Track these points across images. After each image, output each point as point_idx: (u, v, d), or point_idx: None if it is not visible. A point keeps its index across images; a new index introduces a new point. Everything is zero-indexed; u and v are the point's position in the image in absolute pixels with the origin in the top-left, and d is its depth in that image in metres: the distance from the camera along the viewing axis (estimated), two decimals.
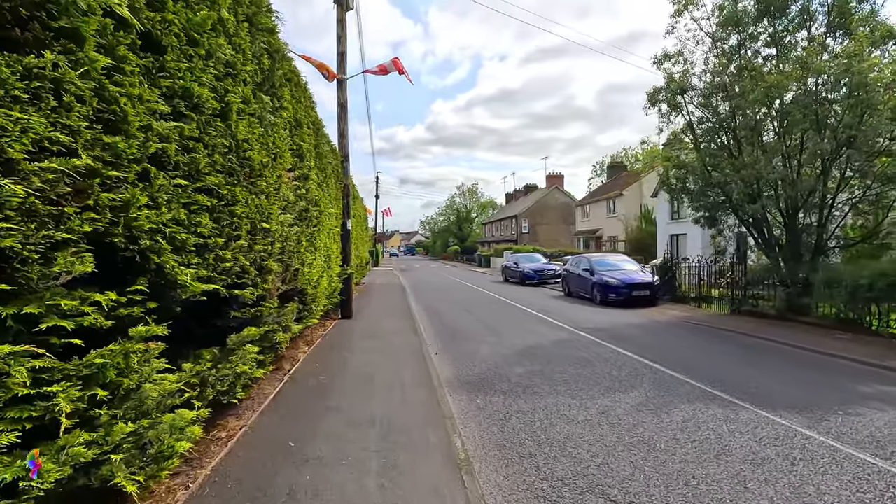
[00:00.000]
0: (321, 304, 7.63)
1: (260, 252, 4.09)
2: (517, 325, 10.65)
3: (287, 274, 5.12)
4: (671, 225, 28.27)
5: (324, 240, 7.44)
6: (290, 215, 5.04)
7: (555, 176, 52.38)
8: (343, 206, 10.88)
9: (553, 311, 12.97)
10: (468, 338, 9.26)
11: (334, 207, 9.35)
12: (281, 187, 4.67)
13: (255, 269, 3.98)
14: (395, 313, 12.37)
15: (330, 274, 8.64)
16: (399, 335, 9.14)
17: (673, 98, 11.60)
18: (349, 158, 11.16)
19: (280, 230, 4.61)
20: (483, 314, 12.64)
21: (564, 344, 8.54)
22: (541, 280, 22.90)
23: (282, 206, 4.75)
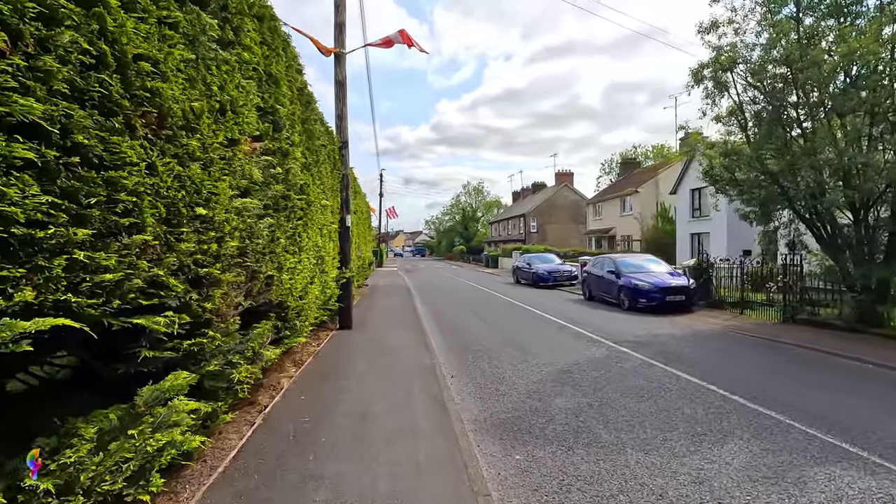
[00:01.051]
0: (311, 317, 6.21)
1: (193, 254, 2.66)
2: (543, 337, 9.17)
3: (254, 284, 3.71)
4: (692, 223, 26.68)
5: (313, 237, 6.03)
6: (257, 201, 3.62)
7: (564, 173, 50.80)
8: (341, 199, 9.44)
9: (579, 319, 11.48)
10: (489, 354, 7.79)
11: (330, 200, 7.92)
12: (236, 158, 3.24)
13: (184, 282, 2.56)
14: (400, 322, 10.93)
15: (324, 279, 7.22)
16: (406, 351, 7.69)
17: (720, 74, 10.08)
18: (349, 145, 9.73)
19: (235, 221, 3.19)
20: (501, 322, 11.17)
21: (606, 364, 7.06)
22: (555, 282, 21.40)
23: (239, 185, 3.32)
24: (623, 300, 13.52)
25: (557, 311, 13.17)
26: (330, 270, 8.03)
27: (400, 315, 12.06)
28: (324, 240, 7.09)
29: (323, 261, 7.02)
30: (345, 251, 9.61)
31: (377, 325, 10.32)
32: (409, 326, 10.29)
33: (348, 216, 9.65)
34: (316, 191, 6.29)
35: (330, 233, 7.93)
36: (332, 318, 10.08)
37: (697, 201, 26.53)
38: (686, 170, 27.17)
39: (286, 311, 4.70)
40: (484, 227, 71.14)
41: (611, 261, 15.08)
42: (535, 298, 16.57)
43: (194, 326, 2.72)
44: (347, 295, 9.64)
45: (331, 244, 8.14)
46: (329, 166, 8.01)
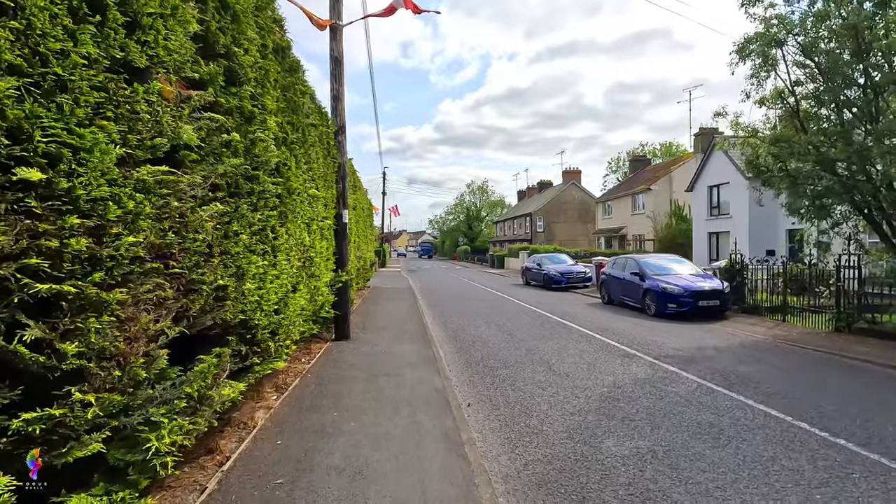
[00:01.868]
0: (295, 333, 5.01)
1: (15, 257, 1.49)
2: (568, 351, 7.96)
3: (192, 300, 2.52)
4: (710, 222, 25.37)
5: (297, 234, 4.85)
6: (195, 177, 2.44)
7: (572, 171, 49.51)
8: (337, 192, 8.25)
9: (603, 327, 10.25)
10: (510, 373, 6.59)
11: (323, 191, 6.73)
12: (141, 100, 2.04)
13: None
14: (405, 330, 9.73)
15: (314, 285, 6.04)
16: (412, 369, 6.49)
17: (769, 50, 8.82)
18: (346, 131, 8.54)
19: (141, 203, 2.00)
20: (517, 331, 9.95)
21: (655, 387, 5.84)
22: (568, 284, 20.18)
23: (147, 144, 2.13)
24: (649, 305, 12.29)
25: (577, 317, 11.94)
26: (322, 274, 6.84)
27: (404, 322, 10.87)
28: (313, 237, 5.91)
29: (312, 263, 5.83)
30: (341, 251, 8.42)
31: (379, 335, 9.12)
32: (415, 336, 9.09)
33: (345, 211, 8.46)
34: (301, 177, 5.11)
35: (322, 230, 6.74)
36: (328, 327, 8.89)
37: (716, 199, 25.22)
38: (704, 166, 25.88)
39: (253, 331, 3.52)
40: (488, 227, 69.89)
41: (634, 262, 13.83)
42: (549, 302, 15.35)
43: (39, 385, 1.55)
44: (344, 301, 8.44)
45: (323, 243, 6.96)
46: (321, 151, 6.82)
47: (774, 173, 9.80)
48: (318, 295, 6.34)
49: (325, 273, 7.05)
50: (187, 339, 2.86)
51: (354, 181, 11.98)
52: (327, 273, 7.35)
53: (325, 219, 6.94)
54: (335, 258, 8.08)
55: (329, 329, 8.87)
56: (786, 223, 22.05)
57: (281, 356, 4.44)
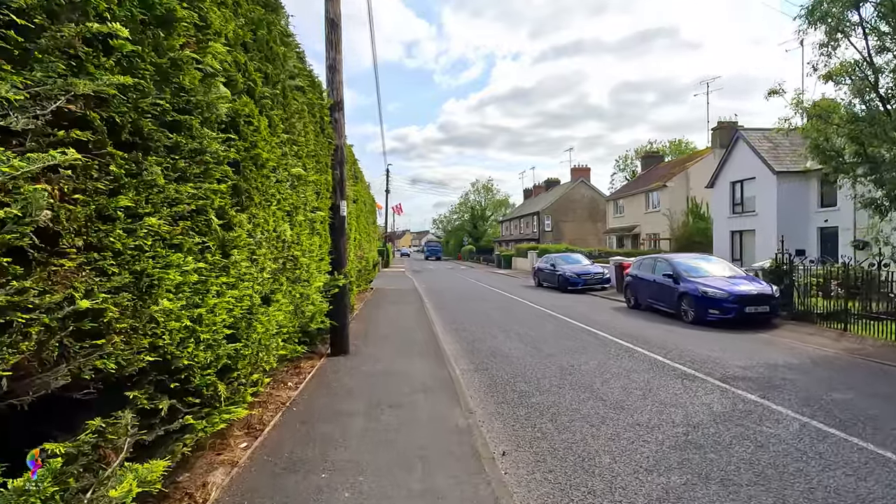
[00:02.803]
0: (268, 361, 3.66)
1: None
2: (612, 370, 6.62)
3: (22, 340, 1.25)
4: (733, 220, 23.92)
5: (270, 224, 3.52)
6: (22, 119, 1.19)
7: (580, 168, 48.10)
8: (333, 179, 6.93)
9: (640, 337, 8.90)
10: (548, 403, 5.25)
11: (312, 173, 5.41)
12: None
13: None
14: (412, 341, 8.40)
15: (299, 292, 4.72)
16: (424, 398, 5.17)
17: (842, 12, 7.45)
18: (343, 107, 7.22)
19: None
20: (542, 342, 8.61)
21: (748, 430, 4.48)
22: (586, 286, 18.81)
23: None
24: (685, 311, 10.92)
25: (605, 324, 10.59)
26: (314, 277, 5.52)
27: (411, 330, 9.54)
28: (299, 231, 4.59)
29: (297, 264, 4.52)
30: (339, 249, 7.11)
31: (382, 348, 7.80)
32: (425, 349, 7.76)
33: (343, 203, 7.14)
34: (278, 148, 3.80)
35: (313, 222, 5.42)
36: (323, 339, 7.59)
37: (739, 195, 23.75)
38: (725, 160, 24.45)
39: (182, 374, 2.22)
40: (493, 227, 68.50)
41: (665, 262, 12.45)
42: (568, 306, 13.99)
43: None
44: (342, 309, 7.12)
45: (315, 239, 5.64)
46: (312, 126, 5.50)
47: (846, 160, 8.40)
48: (306, 305, 5.03)
49: (317, 276, 5.73)
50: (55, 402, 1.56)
51: (355, 171, 10.67)
52: (320, 276, 6.03)
53: (316, 209, 5.62)
54: (331, 258, 6.76)
55: (324, 341, 7.56)
56: (817, 221, 20.63)
57: (244, 398, 3.11)
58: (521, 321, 11.28)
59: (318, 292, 5.91)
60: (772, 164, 20.95)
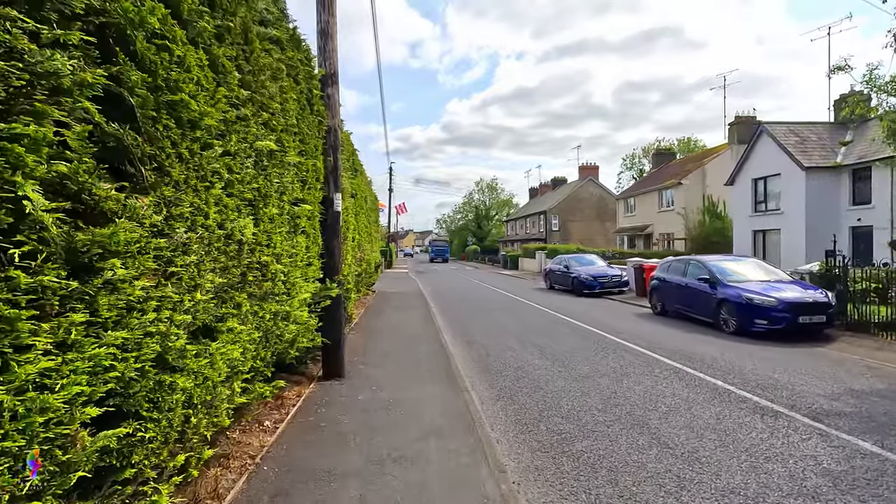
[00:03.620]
0: (213, 421, 2.49)
1: None
2: (666, 399, 5.41)
3: None
4: (755, 219, 22.60)
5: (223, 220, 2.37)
6: None
7: (588, 167, 46.80)
8: (325, 167, 5.75)
9: (683, 352, 7.68)
10: (600, 451, 4.05)
11: (294, 154, 4.21)
12: None
13: None
14: (419, 358, 7.22)
15: (272, 311, 3.54)
16: (437, 445, 3.97)
17: None
18: (338, 82, 6.04)
19: None
20: (569, 357, 7.40)
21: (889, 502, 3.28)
22: (602, 289, 17.57)
23: None
24: (725, 320, 9.69)
25: (635, 334, 9.36)
26: (296, 288, 4.34)
27: (417, 343, 8.35)
28: (270, 228, 3.40)
29: (267, 274, 3.33)
30: (332, 252, 5.92)
31: (384, 368, 6.61)
32: (434, 368, 6.57)
33: (338, 196, 5.96)
34: (231, 107, 2.63)
35: (295, 218, 4.23)
36: (314, 357, 6.41)
37: (762, 193, 22.43)
38: (747, 156, 23.13)
39: None
40: (498, 226, 67.29)
41: (699, 265, 11.20)
42: (588, 312, 12.77)
43: None
44: (335, 323, 5.93)
45: (298, 240, 4.45)
46: (295, 96, 4.31)
47: None
48: (284, 326, 3.84)
49: (301, 287, 4.54)
50: None
51: (354, 163, 9.48)
52: (307, 286, 4.84)
53: (300, 201, 4.43)
54: (321, 262, 5.58)
55: (316, 359, 6.39)
56: (849, 219, 19.32)
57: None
58: (539, 330, 10.07)
59: (304, 306, 4.72)
60: (800, 160, 19.64)
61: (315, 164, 5.15)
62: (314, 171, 5.14)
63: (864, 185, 18.86)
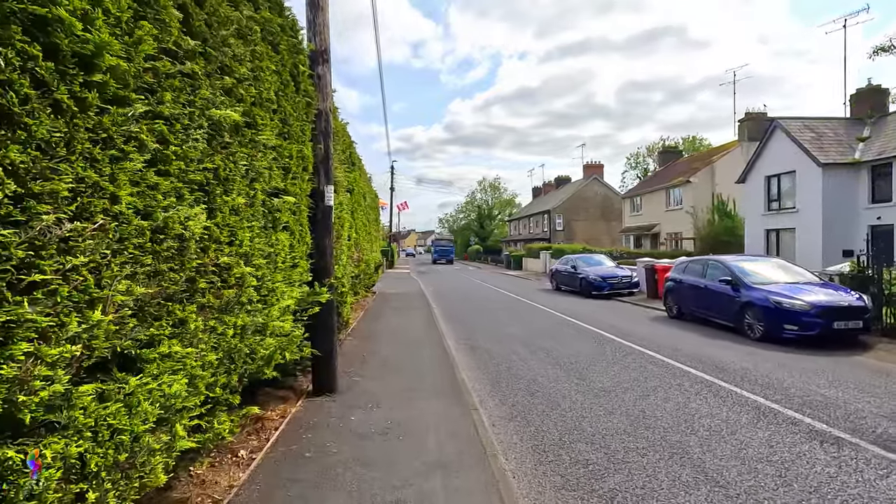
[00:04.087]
0: (142, 479, 1.89)
1: None
2: (703, 420, 4.73)
3: None
4: (768, 217, 21.84)
5: (152, 208, 1.74)
6: None
7: (593, 165, 46.08)
8: (315, 155, 5.09)
9: (709, 361, 7.00)
10: (639, 489, 3.37)
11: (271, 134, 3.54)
12: None
13: None
14: (421, 368, 6.55)
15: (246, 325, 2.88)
16: (445, 484, 3.31)
17: None
18: (330, 60, 5.37)
19: None
20: (586, 368, 6.72)
21: None
22: (612, 290, 16.87)
23: None
24: (751, 325, 8.99)
25: (654, 341, 8.66)
26: (275, 295, 3.68)
27: (419, 349, 7.69)
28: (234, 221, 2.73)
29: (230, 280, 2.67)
30: (324, 251, 5.26)
31: (382, 380, 5.95)
32: (438, 380, 5.91)
33: (330, 189, 5.29)
34: (166, 59, 1.98)
35: (272, 212, 3.57)
36: (304, 368, 5.76)
37: (776, 191, 21.65)
38: (760, 153, 22.37)
39: None
40: (500, 226, 66.60)
41: (720, 265, 10.50)
42: (599, 315, 12.08)
43: None
44: (327, 332, 5.26)
45: (278, 238, 3.79)
46: (273, 65, 3.65)
47: None
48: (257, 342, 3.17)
49: (285, 291, 3.88)
50: None
51: (351, 156, 8.81)
52: (292, 290, 4.17)
53: (280, 192, 3.77)
54: (309, 263, 4.92)
55: (306, 370, 5.73)
56: (868, 217, 18.55)
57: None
58: (549, 335, 9.39)
59: (288, 314, 4.05)
60: (816, 156, 18.90)
61: (301, 150, 4.49)
62: (300, 159, 4.47)
63: (883, 182, 18.12)
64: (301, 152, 4.47)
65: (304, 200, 4.71)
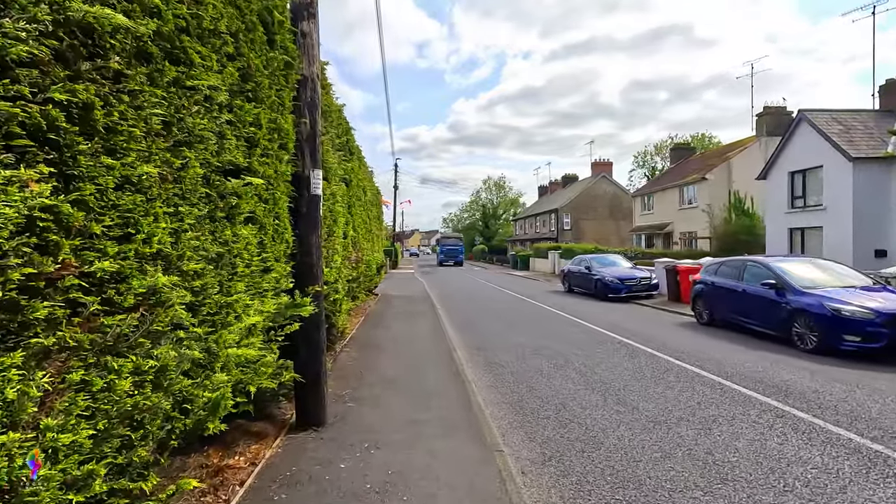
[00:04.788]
0: None
1: None
2: (799, 472, 3.69)
3: None
4: (792, 215, 20.66)
5: None
6: None
7: (602, 163, 44.95)
8: (299, 133, 4.07)
9: (776, 384, 5.94)
10: None
11: (216, 80, 2.53)
12: None
13: None
14: (428, 392, 5.52)
15: (190, 357, 1.90)
16: None
17: None
18: (317, 16, 4.36)
19: None
20: (628, 391, 5.68)
21: None
22: (630, 293, 15.79)
23: None
24: (802, 335, 7.91)
25: (696, 354, 7.60)
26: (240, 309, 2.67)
27: (425, 366, 6.67)
28: (141, 204, 1.75)
29: (114, 291, 1.68)
30: (309, 250, 4.24)
31: (382, 410, 4.92)
32: (451, 407, 4.88)
33: (317, 174, 4.28)
34: None
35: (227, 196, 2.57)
36: (289, 394, 4.74)
37: (800, 187, 20.46)
38: (783, 148, 21.18)
39: None
40: (505, 226, 65.53)
41: (762, 267, 9.42)
42: (622, 321, 11.02)
43: None
44: (313, 352, 4.25)
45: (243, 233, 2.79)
46: (240, 11, 2.64)
47: None
48: (192, 387, 2.16)
49: (249, 305, 2.87)
50: None
51: (349, 142, 7.78)
52: (264, 302, 3.17)
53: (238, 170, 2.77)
54: (290, 266, 3.91)
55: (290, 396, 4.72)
56: None
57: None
58: (569, 344, 8.35)
59: (257, 335, 3.03)
60: (846, 150, 17.73)
61: (277, 121, 3.48)
62: (275, 133, 3.46)
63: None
64: (276, 123, 3.46)
65: (282, 187, 3.70)
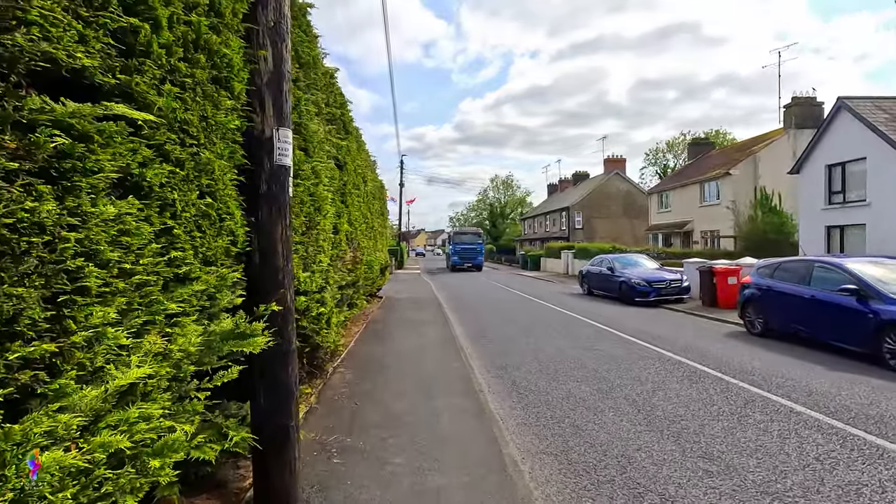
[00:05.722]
0: None
1: None
2: None
3: None
4: (830, 212, 19.04)
5: None
6: None
7: (615, 160, 43.35)
8: (257, 74, 2.70)
9: (888, 422, 4.52)
10: None
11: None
12: None
13: None
14: (446, 439, 4.12)
15: None
16: None
17: None
18: None
19: None
20: (701, 431, 4.27)
21: None
22: (658, 296, 14.31)
23: None
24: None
25: (765, 375, 6.15)
26: (100, 354, 1.30)
27: (437, 397, 5.28)
28: None
29: None
30: (274, 245, 2.86)
31: (380, 474, 3.54)
32: (477, 474, 3.50)
33: (284, 135, 2.89)
34: None
35: (73, 157, 1.23)
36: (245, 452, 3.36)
37: (839, 181, 18.84)
38: (818, 139, 19.54)
39: None
40: (513, 225, 64.02)
41: (838, 270, 7.93)
42: (661, 332, 9.57)
43: None
44: (279, 398, 2.86)
45: (109, 210, 1.44)
46: None
47: None
48: None
49: (145, 344, 1.52)
50: None
51: (343, 116, 6.37)
52: (176, 336, 1.81)
53: (95, 86, 1.42)
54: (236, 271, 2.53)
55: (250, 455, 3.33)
56: None
57: None
58: (610, 358, 6.93)
59: (159, 396, 1.66)
60: (895, 140, 16.15)
61: (199, 28, 2.10)
62: (200, 51, 2.09)
63: None
64: (198, 33, 2.08)
65: (220, 146, 2.34)
